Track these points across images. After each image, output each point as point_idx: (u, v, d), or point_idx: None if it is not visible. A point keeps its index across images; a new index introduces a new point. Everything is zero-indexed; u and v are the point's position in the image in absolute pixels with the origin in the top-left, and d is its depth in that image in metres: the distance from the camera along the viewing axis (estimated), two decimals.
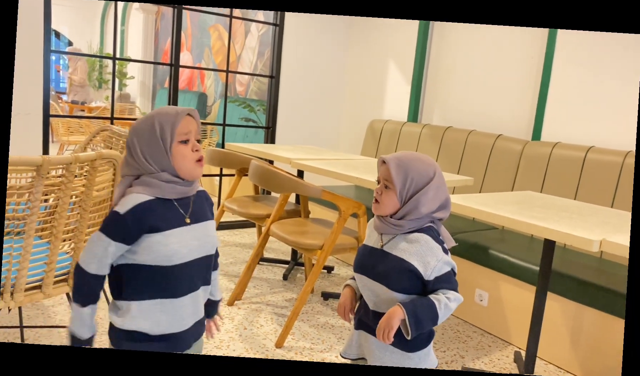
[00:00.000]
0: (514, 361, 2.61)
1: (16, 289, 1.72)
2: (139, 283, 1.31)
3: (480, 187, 3.58)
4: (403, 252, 1.40)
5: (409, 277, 1.38)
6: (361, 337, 1.50)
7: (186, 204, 1.36)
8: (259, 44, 6.51)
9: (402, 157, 1.42)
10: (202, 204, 1.43)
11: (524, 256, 2.78)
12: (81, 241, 1.87)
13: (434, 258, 1.37)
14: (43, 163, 1.59)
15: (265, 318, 2.81)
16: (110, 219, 1.29)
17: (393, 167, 1.39)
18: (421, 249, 1.38)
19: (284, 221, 2.95)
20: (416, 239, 1.40)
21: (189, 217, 1.36)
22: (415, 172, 1.39)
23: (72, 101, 8.57)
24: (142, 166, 1.31)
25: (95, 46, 10.50)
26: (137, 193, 1.29)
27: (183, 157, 1.31)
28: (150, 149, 1.30)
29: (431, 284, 1.37)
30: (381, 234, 1.46)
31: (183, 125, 1.31)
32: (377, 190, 1.45)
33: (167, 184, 1.30)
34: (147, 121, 1.32)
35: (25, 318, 2.50)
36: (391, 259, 1.41)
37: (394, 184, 1.39)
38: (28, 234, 1.69)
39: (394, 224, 1.41)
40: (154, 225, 1.28)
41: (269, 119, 4.64)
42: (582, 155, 3.06)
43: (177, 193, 1.33)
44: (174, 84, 4.02)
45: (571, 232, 1.81)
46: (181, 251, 1.32)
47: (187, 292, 1.36)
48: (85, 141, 2.82)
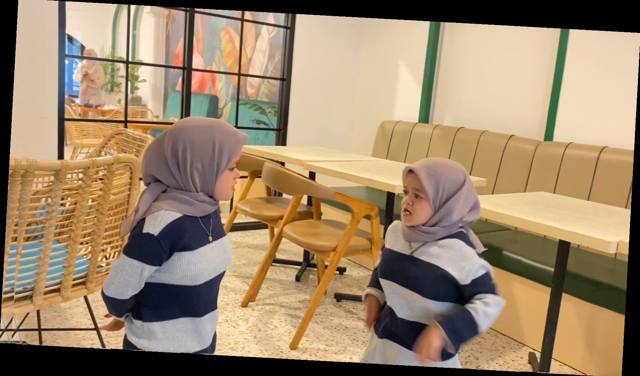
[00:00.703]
0: (529, 363, 2.60)
1: (35, 293, 1.74)
2: (161, 303, 1.28)
3: (493, 188, 3.57)
4: (436, 258, 1.37)
5: (443, 283, 1.36)
6: (386, 346, 1.46)
7: (208, 221, 1.33)
8: (269, 47, 6.53)
9: (431, 164, 1.39)
10: (218, 219, 1.40)
11: (537, 257, 2.78)
12: (99, 244, 1.89)
13: (468, 262, 1.36)
14: (62, 168, 1.61)
15: (279, 319, 2.82)
16: (142, 242, 1.22)
17: (424, 176, 1.36)
18: (455, 255, 1.37)
19: (297, 223, 2.97)
20: (449, 245, 1.38)
21: (211, 234, 1.33)
22: (446, 179, 1.37)
23: (85, 105, 8.64)
24: (184, 181, 1.26)
25: (107, 50, 10.58)
26: (166, 209, 1.23)
27: (227, 183, 1.29)
28: (203, 169, 1.25)
29: (468, 289, 1.35)
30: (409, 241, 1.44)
31: (239, 154, 1.29)
32: (406, 201, 1.41)
33: (200, 203, 1.27)
34: (206, 136, 1.25)
35: (43, 321, 2.53)
36: (423, 266, 1.38)
37: (427, 193, 1.36)
38: (47, 238, 1.71)
39: (426, 232, 1.39)
40: (186, 244, 1.25)
41: (280, 121, 4.66)
42: (595, 155, 3.04)
43: (205, 211, 1.30)
44: (187, 87, 4.05)
45: (587, 233, 1.80)
46: (207, 269, 1.30)
47: (208, 310, 1.34)
48: (100, 145, 2.85)
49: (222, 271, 1.37)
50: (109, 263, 2.03)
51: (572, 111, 3.33)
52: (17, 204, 1.57)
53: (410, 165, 1.41)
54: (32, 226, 1.75)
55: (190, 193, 1.26)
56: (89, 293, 1.93)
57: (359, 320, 2.91)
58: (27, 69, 3.26)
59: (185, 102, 4.07)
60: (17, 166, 1.50)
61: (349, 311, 3.02)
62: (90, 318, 2.15)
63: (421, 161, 1.43)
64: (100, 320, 2.60)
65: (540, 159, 3.33)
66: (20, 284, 1.71)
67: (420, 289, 1.37)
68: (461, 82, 4.12)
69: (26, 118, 3.29)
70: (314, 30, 4.63)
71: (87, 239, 1.89)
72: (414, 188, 1.39)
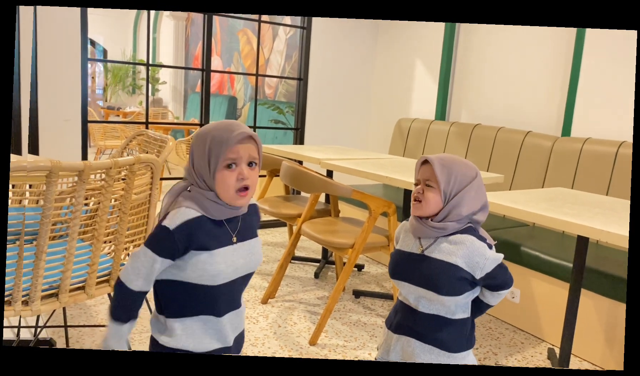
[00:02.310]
0: (548, 358, 2.60)
1: (61, 291, 1.79)
2: (181, 300, 1.28)
3: (511, 184, 3.56)
4: (448, 255, 1.38)
5: (458, 280, 1.37)
6: (402, 343, 1.46)
7: (234, 222, 1.31)
8: (286, 47, 6.57)
9: (445, 157, 1.41)
10: (251, 221, 1.37)
11: (555, 253, 2.77)
12: (121, 243, 1.93)
13: (481, 257, 1.37)
14: (85, 168, 1.64)
15: (299, 315, 2.86)
16: (158, 234, 1.23)
17: (437, 166, 1.38)
18: (467, 250, 1.37)
19: (315, 221, 3.00)
20: (460, 241, 1.38)
21: (235, 236, 1.31)
22: (458, 172, 1.39)
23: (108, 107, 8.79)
24: (194, 178, 1.26)
25: (128, 53, 10.73)
26: (187, 207, 1.24)
27: (224, 184, 1.23)
28: (199, 166, 1.25)
29: (482, 282, 1.39)
30: (419, 238, 1.44)
31: (233, 150, 1.22)
32: (417, 190, 1.42)
33: (214, 204, 1.25)
34: (205, 134, 1.25)
35: (69, 318, 2.60)
36: (435, 264, 1.39)
37: (438, 182, 1.37)
38: (71, 237, 1.74)
39: (435, 227, 1.39)
40: (202, 244, 1.24)
41: (297, 120, 4.70)
42: (613, 150, 3.02)
43: (224, 214, 1.28)
44: (206, 88, 4.10)
45: (606, 228, 1.79)
46: (226, 271, 1.27)
47: (229, 310, 1.33)
48: (122, 146, 2.91)
49: (246, 273, 1.35)
50: None
51: (590, 106, 3.31)
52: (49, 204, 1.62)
53: (426, 156, 1.42)
54: (57, 226, 1.79)
55: (204, 191, 1.25)
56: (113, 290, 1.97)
57: (378, 316, 2.93)
58: (50, 73, 3.34)
59: (205, 103, 4.13)
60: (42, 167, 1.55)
61: (367, 307, 3.05)
62: None
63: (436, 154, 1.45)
64: None
65: (558, 155, 3.32)
66: (46, 283, 1.75)
67: (436, 288, 1.37)
68: (477, 78, 4.11)
69: (51, 121, 3.37)
70: (330, 31, 4.65)
71: (110, 237, 1.93)
72: (426, 179, 1.40)
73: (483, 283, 1.40)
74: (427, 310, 1.41)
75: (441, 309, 1.40)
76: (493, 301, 1.47)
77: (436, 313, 1.41)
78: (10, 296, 1.66)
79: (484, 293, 1.45)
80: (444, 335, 1.40)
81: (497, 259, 1.40)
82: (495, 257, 1.40)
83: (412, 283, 1.42)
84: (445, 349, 1.40)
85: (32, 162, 1.53)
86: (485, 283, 1.40)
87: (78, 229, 1.75)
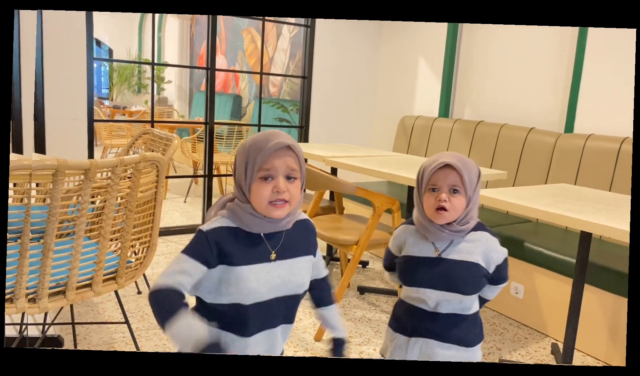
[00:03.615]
0: (552, 353, 2.61)
1: (68, 288, 1.81)
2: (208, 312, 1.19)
3: (514, 181, 3.57)
4: (468, 255, 1.37)
5: (479, 277, 1.38)
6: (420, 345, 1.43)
7: (276, 238, 1.22)
8: (290, 46, 6.59)
9: (461, 158, 1.38)
10: (299, 237, 1.27)
11: (559, 249, 2.78)
12: (127, 240, 1.95)
13: (496, 251, 1.40)
14: (91, 167, 1.65)
15: (304, 312, 2.87)
16: (193, 238, 1.18)
17: (464, 171, 1.35)
18: (484, 247, 1.38)
19: (320, 218, 3.02)
20: (477, 239, 1.39)
21: (275, 252, 1.21)
22: (472, 171, 1.38)
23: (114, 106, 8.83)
24: (236, 190, 1.21)
25: (134, 53, 10.77)
26: (225, 217, 1.20)
27: (258, 196, 1.16)
28: (239, 177, 1.19)
29: (492, 275, 1.41)
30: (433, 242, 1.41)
31: (268, 161, 1.15)
32: (441, 198, 1.35)
33: (251, 217, 1.18)
34: (246, 143, 1.20)
35: (76, 315, 2.63)
36: (456, 266, 1.37)
37: (465, 187, 1.35)
38: (78, 235, 1.75)
39: (459, 230, 1.37)
40: (230, 255, 1.16)
41: (302, 118, 4.72)
42: (616, 146, 3.03)
43: (264, 228, 1.20)
44: (211, 87, 4.13)
45: (609, 224, 1.79)
46: (259, 290, 1.18)
47: (260, 330, 1.21)
48: (128, 144, 2.93)
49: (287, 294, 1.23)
50: (138, 258, 2.09)
51: (593, 103, 3.31)
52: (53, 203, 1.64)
53: (448, 160, 1.36)
54: (64, 224, 1.81)
55: (242, 204, 1.19)
56: (120, 287, 1.99)
57: (382, 312, 2.95)
58: (56, 73, 3.37)
59: (210, 102, 4.16)
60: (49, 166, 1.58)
61: (372, 303, 3.06)
62: (121, 312, 2.23)
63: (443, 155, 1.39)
64: (130, 314, 2.69)
65: (561, 151, 3.32)
66: (54, 280, 1.77)
67: (459, 289, 1.37)
68: (480, 75, 4.12)
69: (57, 120, 3.40)
70: (333, 29, 4.67)
71: (117, 235, 1.95)
72: (451, 184, 1.35)
73: (492, 275, 1.41)
74: (446, 310, 1.41)
75: (458, 307, 1.40)
76: (491, 295, 1.49)
77: (453, 312, 1.41)
78: (12, 293, 1.67)
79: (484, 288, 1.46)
80: (462, 332, 1.41)
81: (506, 252, 1.44)
82: (504, 250, 1.43)
83: (434, 287, 1.38)
84: (463, 344, 1.41)
85: (38, 161, 1.55)
86: (491, 276, 1.41)
87: (84, 227, 1.76)
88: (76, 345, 2.35)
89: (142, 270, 2.08)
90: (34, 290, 1.73)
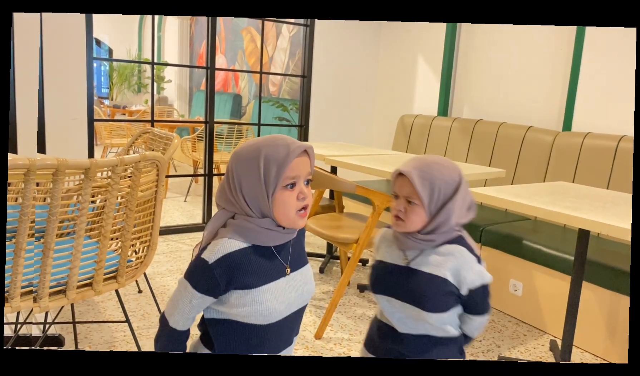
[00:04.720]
0: (550, 350, 2.62)
1: (69, 287, 1.81)
2: (229, 340, 1.14)
3: (512, 179, 3.58)
4: (437, 268, 1.25)
5: (445, 294, 1.24)
6: None
7: (285, 250, 1.16)
8: (290, 45, 6.60)
9: (423, 166, 1.25)
10: (300, 245, 1.22)
11: (557, 246, 2.79)
12: (128, 239, 1.96)
13: (470, 271, 1.24)
14: (91, 166, 1.65)
15: None
16: (196, 267, 1.09)
17: (417, 180, 1.22)
18: (457, 263, 1.24)
19: (320, 216, 3.03)
20: (449, 252, 1.25)
21: (289, 266, 1.16)
22: (441, 181, 1.23)
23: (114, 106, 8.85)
24: (240, 206, 1.10)
25: (133, 52, 10.78)
26: (229, 237, 1.08)
27: (284, 205, 1.08)
28: (251, 190, 1.08)
29: (464, 298, 1.26)
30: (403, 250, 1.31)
31: (293, 167, 1.07)
32: (396, 206, 1.27)
33: (267, 231, 1.10)
34: (253, 153, 1.08)
35: (77, 314, 2.64)
36: (423, 278, 1.25)
37: (421, 199, 1.22)
38: (78, 234, 1.75)
39: (423, 239, 1.26)
40: (247, 282, 1.08)
41: (301, 117, 4.73)
42: (614, 144, 3.04)
43: (277, 240, 1.12)
44: (211, 86, 4.14)
45: (607, 221, 1.80)
46: (279, 308, 1.12)
47: (281, 350, 1.19)
48: (128, 144, 2.94)
49: (301, 306, 1.20)
50: (138, 257, 2.10)
51: (590, 101, 3.32)
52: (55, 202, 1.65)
53: (400, 168, 1.26)
54: (65, 223, 1.82)
55: (255, 219, 1.09)
56: (120, 286, 1.99)
57: None
58: (56, 72, 3.38)
59: (210, 101, 4.17)
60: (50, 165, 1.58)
61: (372, 301, 3.08)
62: (122, 311, 2.24)
63: (411, 161, 1.28)
64: (131, 313, 2.70)
65: (559, 150, 3.33)
66: (54, 279, 1.76)
67: (424, 305, 1.25)
68: (479, 74, 4.13)
69: (57, 120, 3.41)
70: (333, 28, 4.68)
71: (117, 234, 1.94)
72: (406, 194, 1.25)
73: (465, 300, 1.27)
74: (415, 331, 1.30)
75: (429, 328, 1.28)
76: (470, 329, 1.33)
77: (425, 333, 1.29)
78: (7, 292, 1.67)
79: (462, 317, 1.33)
80: (434, 357, 1.28)
81: (484, 277, 1.27)
82: (483, 274, 1.27)
83: (397, 298, 1.29)
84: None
85: (39, 160, 1.55)
86: (466, 300, 1.27)
87: (85, 227, 1.76)
88: (77, 344, 2.36)
89: (142, 269, 2.09)
90: (30, 289, 1.73)
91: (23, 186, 1.57)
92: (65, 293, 1.82)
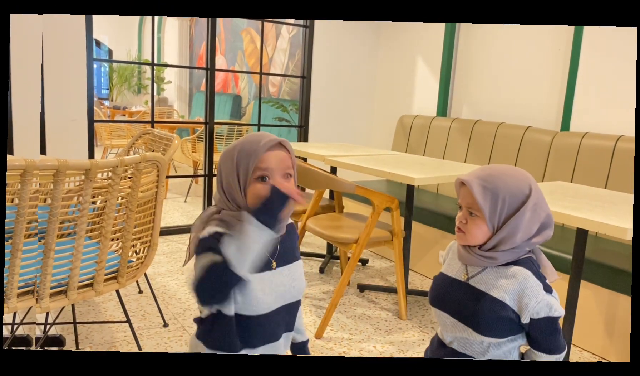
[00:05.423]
0: None
1: (70, 288, 1.82)
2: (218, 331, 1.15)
3: None
4: (496, 290, 1.16)
5: (504, 320, 1.16)
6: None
7: (273, 244, 1.17)
8: (289, 46, 6.61)
9: (487, 176, 1.17)
10: (290, 241, 1.24)
11: (555, 245, 2.80)
12: (128, 240, 1.97)
13: (533, 299, 1.14)
14: (91, 167, 1.66)
15: (304, 310, 2.89)
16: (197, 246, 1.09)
17: (477, 191, 1.15)
18: (519, 287, 1.15)
19: (319, 217, 3.04)
20: (512, 275, 1.16)
21: (275, 260, 1.18)
22: (506, 192, 1.15)
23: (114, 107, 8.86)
24: (224, 200, 1.14)
25: (133, 53, 10.79)
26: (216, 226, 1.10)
27: (257, 199, 1.08)
28: (228, 183, 1.12)
29: (527, 327, 1.17)
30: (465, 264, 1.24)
31: (263, 159, 1.10)
32: (459, 217, 1.20)
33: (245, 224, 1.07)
34: (232, 149, 1.13)
35: (78, 315, 2.64)
36: (480, 298, 1.18)
37: (482, 211, 1.15)
38: (79, 235, 1.76)
39: (484, 256, 1.18)
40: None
41: (301, 118, 4.74)
42: (611, 144, 3.05)
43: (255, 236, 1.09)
44: (211, 87, 4.15)
45: (605, 221, 1.80)
46: (265, 300, 1.14)
47: (265, 342, 1.19)
48: (128, 145, 2.95)
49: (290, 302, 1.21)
50: (139, 257, 2.11)
51: (588, 101, 3.33)
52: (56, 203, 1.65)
53: (462, 176, 1.19)
54: (65, 224, 1.82)
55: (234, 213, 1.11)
56: (121, 287, 2.00)
57: (382, 309, 2.97)
58: (56, 73, 3.38)
59: (210, 102, 4.17)
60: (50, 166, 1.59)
61: (371, 301, 3.08)
62: (122, 311, 2.25)
63: (476, 170, 1.21)
64: (131, 313, 2.71)
65: (557, 150, 3.34)
66: (55, 280, 1.77)
67: (479, 327, 1.17)
68: (478, 75, 4.14)
69: (57, 121, 3.42)
70: (332, 29, 4.69)
71: (118, 235, 1.95)
72: (467, 205, 1.18)
73: (527, 329, 1.17)
74: (466, 351, 1.22)
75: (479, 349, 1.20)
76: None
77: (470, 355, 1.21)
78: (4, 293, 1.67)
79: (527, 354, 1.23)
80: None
81: (552, 310, 1.16)
82: (551, 306, 1.16)
83: (452, 315, 1.22)
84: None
85: (39, 161, 1.56)
86: (530, 332, 1.18)
87: (85, 227, 1.77)
88: (78, 345, 2.37)
89: (143, 269, 2.10)
90: (31, 289, 1.74)
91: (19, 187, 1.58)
92: (66, 294, 1.82)
